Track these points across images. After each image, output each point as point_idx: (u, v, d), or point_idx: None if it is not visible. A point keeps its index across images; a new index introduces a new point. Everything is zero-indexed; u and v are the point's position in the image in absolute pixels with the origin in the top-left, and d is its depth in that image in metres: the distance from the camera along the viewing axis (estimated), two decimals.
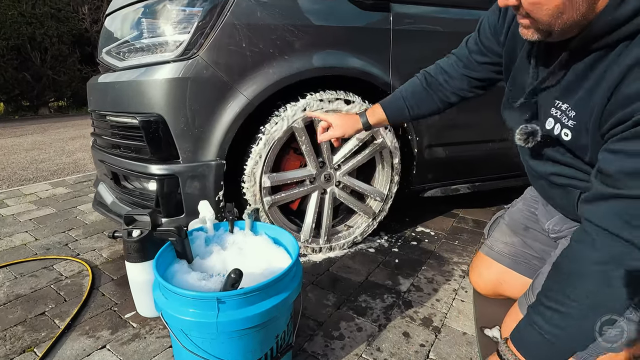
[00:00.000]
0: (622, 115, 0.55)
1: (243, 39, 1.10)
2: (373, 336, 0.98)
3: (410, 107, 1.02)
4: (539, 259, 0.96)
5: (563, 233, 0.88)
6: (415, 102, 1.02)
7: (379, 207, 1.46)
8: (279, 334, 0.71)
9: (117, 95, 1.20)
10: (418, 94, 1.02)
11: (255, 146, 1.19)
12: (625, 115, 0.55)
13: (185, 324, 0.62)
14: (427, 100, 1.01)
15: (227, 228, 0.88)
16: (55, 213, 1.87)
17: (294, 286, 0.70)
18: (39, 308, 1.10)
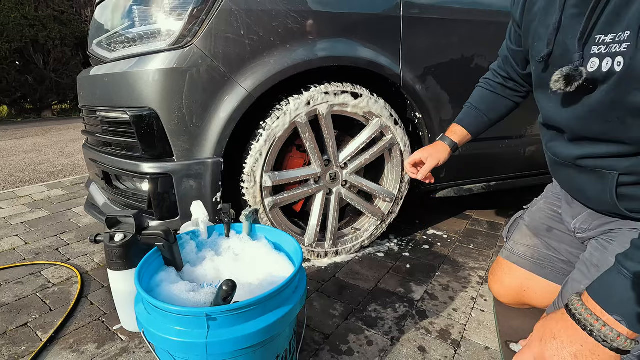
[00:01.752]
0: None
1: (241, 26, 1.01)
2: (385, 351, 0.88)
3: (485, 114, 1.01)
4: (565, 262, 0.86)
5: (592, 233, 0.78)
6: (487, 108, 1.01)
7: (389, 208, 1.37)
8: (279, 354, 0.62)
9: (107, 89, 1.12)
10: (487, 100, 1.01)
11: (255, 143, 1.10)
12: None
13: (170, 344, 0.53)
14: (499, 102, 1.01)
15: (222, 232, 0.79)
16: (49, 216, 1.79)
17: (297, 299, 0.60)
18: (21, 319, 1.01)
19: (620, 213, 0.70)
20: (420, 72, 1.24)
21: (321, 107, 1.14)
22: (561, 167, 0.79)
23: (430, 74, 1.26)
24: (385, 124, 1.24)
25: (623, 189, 0.67)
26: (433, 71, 1.26)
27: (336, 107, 1.16)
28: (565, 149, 0.74)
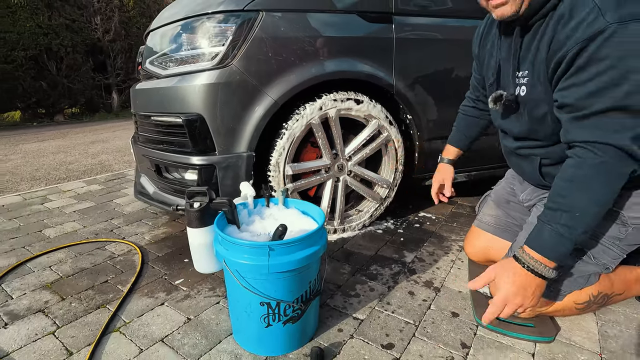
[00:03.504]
0: (559, 57, 0.77)
1: (269, 49, 1.31)
2: (383, 294, 1.17)
3: (466, 133, 1.32)
4: (519, 226, 1.16)
5: (533, 201, 1.09)
6: (467, 128, 1.32)
7: (386, 193, 1.66)
8: (311, 280, 0.91)
9: (162, 99, 1.41)
10: (467, 122, 1.32)
11: (279, 140, 1.40)
12: (561, 55, 0.76)
13: (242, 267, 0.82)
14: (474, 123, 1.31)
15: (263, 203, 1.08)
16: (95, 206, 2.09)
17: (322, 242, 0.90)
18: (102, 278, 1.31)
19: (546, 185, 1.01)
20: (410, 81, 1.54)
21: (331, 111, 1.44)
22: (509, 155, 1.09)
23: (418, 83, 1.55)
24: (382, 124, 1.53)
25: (544, 168, 0.97)
26: (420, 81, 1.56)
27: (343, 111, 1.46)
28: (509, 142, 1.05)
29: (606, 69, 0.71)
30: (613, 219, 0.92)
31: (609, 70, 0.71)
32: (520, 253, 0.84)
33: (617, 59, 0.69)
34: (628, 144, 0.72)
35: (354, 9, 1.41)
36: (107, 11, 8.12)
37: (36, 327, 1.05)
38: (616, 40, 0.69)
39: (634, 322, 1.02)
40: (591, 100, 0.74)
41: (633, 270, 1.03)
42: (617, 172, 0.75)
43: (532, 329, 0.96)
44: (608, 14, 0.69)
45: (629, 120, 0.72)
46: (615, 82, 0.71)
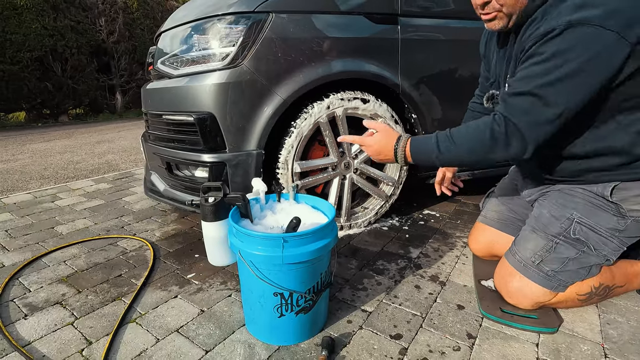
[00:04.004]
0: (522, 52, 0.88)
1: (279, 50, 1.35)
2: (390, 288, 1.21)
3: None
4: (522, 221, 1.19)
5: (535, 196, 1.12)
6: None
7: (391, 190, 1.70)
8: (322, 272, 0.94)
9: (174, 98, 1.45)
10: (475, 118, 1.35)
11: (288, 138, 1.43)
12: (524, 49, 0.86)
13: (257, 258, 0.86)
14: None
15: (275, 199, 1.11)
16: (105, 203, 2.13)
17: (333, 235, 0.93)
18: (115, 272, 1.34)
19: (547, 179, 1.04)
20: (415, 81, 1.57)
21: (338, 110, 1.47)
22: None
23: (423, 82, 1.59)
24: (388, 123, 1.56)
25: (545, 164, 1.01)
26: (425, 81, 1.59)
27: (349, 110, 1.49)
28: None
29: (541, 60, 0.81)
30: (612, 211, 0.95)
31: (541, 62, 0.81)
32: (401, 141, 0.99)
33: (551, 54, 0.79)
34: (522, 124, 0.83)
35: (361, 10, 1.45)
36: (112, 13, 8.19)
37: (55, 318, 1.08)
38: (557, 40, 0.78)
39: (635, 314, 1.04)
40: (519, 82, 0.85)
41: (634, 264, 1.06)
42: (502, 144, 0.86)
43: (535, 320, 0.99)
44: (564, 16, 0.77)
45: (535, 105, 0.81)
46: (541, 73, 0.80)
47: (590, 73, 0.78)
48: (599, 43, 0.75)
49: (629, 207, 0.93)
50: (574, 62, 0.77)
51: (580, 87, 0.79)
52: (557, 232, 0.98)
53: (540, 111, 0.82)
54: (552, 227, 1.00)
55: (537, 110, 0.82)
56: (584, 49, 0.76)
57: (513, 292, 1.03)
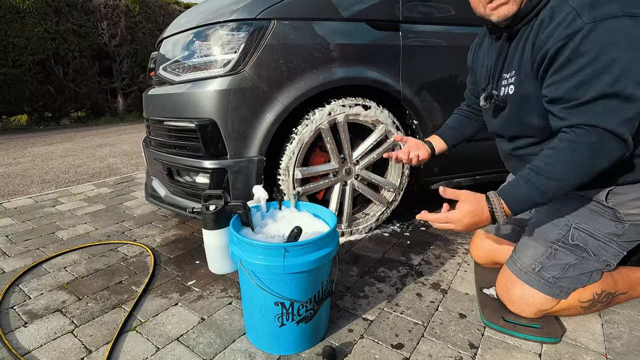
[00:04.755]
0: (541, 55, 0.84)
1: (280, 56, 1.35)
2: (392, 296, 1.20)
3: (457, 130, 1.33)
4: (520, 227, 1.18)
5: None
6: (460, 126, 1.33)
7: (392, 197, 1.69)
8: (323, 281, 0.94)
9: (176, 104, 1.45)
10: (459, 121, 1.34)
11: (289, 145, 1.43)
12: (543, 54, 0.83)
13: (258, 267, 0.85)
14: (468, 123, 1.34)
15: (276, 206, 1.11)
16: (106, 208, 2.13)
17: (334, 245, 0.92)
18: (116, 278, 1.34)
19: None
20: (416, 88, 1.57)
21: (339, 117, 1.47)
22: (507, 159, 1.13)
23: (424, 89, 1.59)
24: (389, 129, 1.56)
25: None
26: (426, 87, 1.59)
27: (351, 116, 1.49)
28: (505, 145, 1.09)
29: (588, 63, 0.77)
30: (609, 216, 0.95)
31: (591, 64, 0.77)
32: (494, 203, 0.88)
33: (596, 53, 0.76)
34: (614, 127, 0.77)
35: (363, 17, 1.45)
36: (114, 16, 8.23)
37: (55, 326, 1.08)
38: (593, 37, 0.76)
39: (638, 323, 1.04)
40: (580, 92, 0.79)
41: (636, 270, 1.05)
42: (603, 153, 0.79)
43: (538, 330, 0.98)
44: (584, 15, 0.76)
45: (616, 105, 0.77)
46: (598, 73, 0.77)
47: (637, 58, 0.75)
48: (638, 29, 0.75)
49: (626, 212, 0.93)
50: (626, 51, 0.75)
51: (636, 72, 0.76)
52: (555, 239, 0.98)
53: (626, 107, 0.77)
54: (550, 233, 0.99)
55: (622, 108, 0.77)
56: (629, 37, 0.74)
57: (515, 300, 1.02)
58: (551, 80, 0.84)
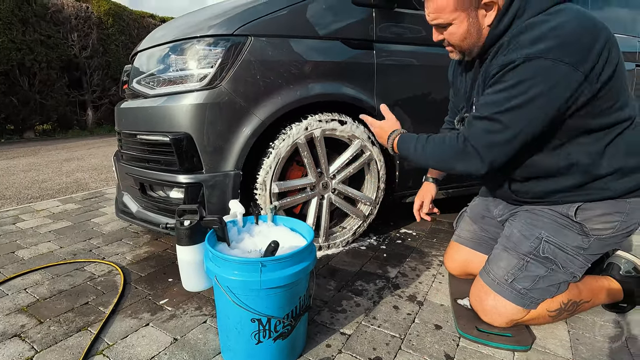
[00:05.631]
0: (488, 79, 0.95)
1: (257, 72, 1.36)
2: (369, 309, 1.20)
3: None
4: (494, 240, 1.23)
5: (505, 216, 1.16)
6: None
7: (369, 210, 1.72)
8: (301, 296, 0.93)
9: (150, 118, 1.43)
10: None
11: (266, 159, 1.43)
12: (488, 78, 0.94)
13: (234, 283, 0.84)
14: None
15: (252, 221, 1.10)
16: (72, 225, 2.03)
17: (311, 259, 0.92)
18: (82, 299, 1.27)
19: (517, 200, 1.09)
20: (390, 103, 1.60)
21: (316, 132, 1.49)
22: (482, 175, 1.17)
23: (397, 105, 1.64)
24: (365, 144, 1.60)
25: (513, 185, 1.06)
26: (400, 103, 1.65)
27: (327, 131, 1.52)
28: None
29: (502, 89, 0.88)
30: (577, 230, 1.00)
31: (502, 91, 0.88)
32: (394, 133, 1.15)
33: (511, 84, 0.86)
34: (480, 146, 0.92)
35: (338, 35, 1.50)
36: (85, 28, 8.02)
37: (12, 352, 1.01)
38: (518, 70, 0.84)
39: (602, 329, 1.09)
40: (482, 108, 0.93)
41: (598, 279, 1.11)
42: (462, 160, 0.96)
43: (510, 339, 1.01)
44: (522, 49, 0.84)
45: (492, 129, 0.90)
46: (501, 100, 0.87)
47: (547, 101, 0.84)
48: (555, 74, 0.82)
49: (592, 227, 0.99)
50: (532, 91, 0.84)
51: (536, 114, 0.86)
52: (527, 251, 1.02)
53: (496, 134, 0.89)
54: (522, 246, 1.04)
55: (493, 133, 0.89)
56: (542, 80, 0.82)
57: (488, 310, 1.05)
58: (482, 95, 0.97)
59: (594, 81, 0.84)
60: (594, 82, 0.84)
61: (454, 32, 0.96)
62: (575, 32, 0.82)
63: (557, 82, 0.82)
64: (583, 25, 0.83)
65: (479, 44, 0.98)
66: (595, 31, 0.83)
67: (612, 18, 2.50)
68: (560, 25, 0.83)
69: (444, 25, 0.97)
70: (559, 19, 0.84)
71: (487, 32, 0.95)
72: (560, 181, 0.99)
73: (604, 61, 0.83)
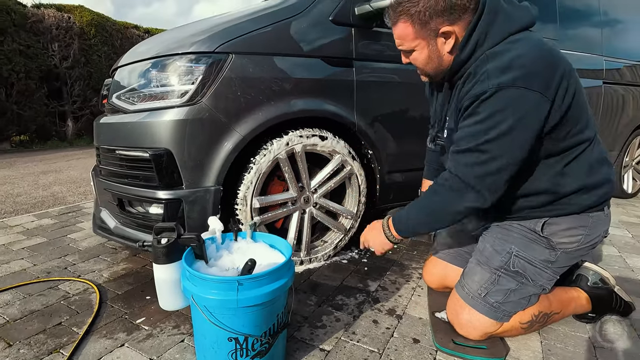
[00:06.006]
0: (460, 107, 0.97)
1: (238, 89, 1.38)
2: (349, 324, 1.21)
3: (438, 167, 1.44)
4: (469, 254, 1.26)
5: (479, 231, 1.20)
6: (436, 162, 1.44)
7: (350, 224, 1.73)
8: (278, 313, 0.93)
9: (129, 133, 1.42)
10: (435, 157, 1.44)
11: (247, 174, 1.44)
12: (461, 106, 0.97)
13: (211, 302, 0.83)
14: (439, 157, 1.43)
15: (231, 238, 1.10)
16: (47, 242, 1.97)
17: (289, 275, 0.93)
18: (54, 320, 1.23)
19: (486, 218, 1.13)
20: (370, 119, 1.66)
21: (297, 147, 1.51)
22: None
23: (377, 121, 1.68)
24: (345, 159, 1.63)
25: None
26: (379, 119, 1.69)
27: (308, 146, 1.54)
28: None
29: (480, 120, 0.90)
30: (544, 245, 1.04)
31: (480, 122, 0.90)
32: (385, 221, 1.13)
33: (487, 115, 0.89)
34: (470, 179, 0.92)
35: (319, 53, 1.53)
36: (67, 38, 7.90)
37: None
38: (491, 101, 0.88)
39: (572, 339, 1.13)
40: (463, 141, 0.94)
41: (567, 291, 1.15)
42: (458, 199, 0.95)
43: (485, 351, 1.03)
44: (493, 79, 0.88)
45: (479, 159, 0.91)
46: (481, 131, 0.90)
47: (525, 127, 0.88)
48: (527, 102, 0.86)
49: (558, 240, 1.03)
50: (509, 120, 0.87)
51: (518, 140, 0.89)
52: (498, 265, 1.06)
53: (484, 165, 0.90)
54: (494, 260, 1.07)
55: (481, 164, 0.91)
56: (516, 108, 0.86)
57: (463, 324, 1.07)
58: (458, 127, 0.98)
59: (558, 108, 0.89)
60: (558, 109, 0.89)
61: (417, 57, 1.02)
62: (537, 61, 0.87)
63: (531, 108, 0.86)
64: (543, 55, 0.88)
65: (441, 68, 1.02)
66: (554, 61, 0.89)
67: (580, 36, 2.64)
68: (523, 54, 0.87)
69: (407, 50, 1.02)
70: (520, 49, 0.88)
71: (448, 58, 0.99)
72: (528, 200, 1.04)
73: (564, 89, 0.89)
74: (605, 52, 2.71)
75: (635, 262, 1.75)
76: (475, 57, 0.95)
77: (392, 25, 1.01)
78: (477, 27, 0.93)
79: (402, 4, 0.95)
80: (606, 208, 1.07)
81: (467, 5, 0.92)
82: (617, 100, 2.80)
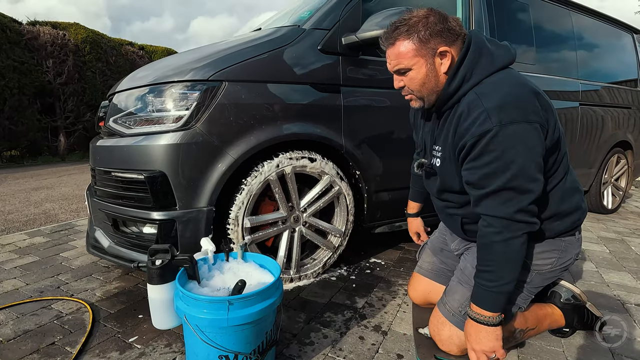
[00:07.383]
0: (461, 144, 0.99)
1: (231, 114, 1.45)
2: (336, 341, 1.25)
3: (422, 190, 1.51)
4: (451, 272, 1.32)
5: (461, 250, 1.27)
6: (420, 185, 1.51)
7: (339, 242, 1.79)
8: (267, 331, 0.98)
9: (125, 156, 1.47)
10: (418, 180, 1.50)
11: (239, 195, 1.50)
12: (462, 144, 0.98)
13: (202, 321, 0.88)
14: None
15: (223, 258, 1.15)
16: (40, 260, 1.99)
17: (278, 294, 0.98)
18: (48, 339, 1.26)
19: (468, 239, 1.20)
20: (357, 142, 1.74)
21: (287, 168, 1.58)
22: (439, 212, 1.28)
23: (364, 143, 1.76)
24: (334, 179, 1.70)
25: (466, 226, 1.17)
26: (366, 141, 1.77)
27: (298, 168, 1.61)
28: (436, 202, 1.25)
29: (494, 159, 0.93)
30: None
31: (496, 160, 0.93)
32: (470, 310, 1.02)
33: (501, 151, 0.92)
34: (512, 214, 0.93)
35: (308, 80, 1.62)
36: (61, 55, 7.98)
37: None
38: (500, 138, 0.92)
39: (548, 354, 1.19)
40: (486, 182, 0.96)
41: (542, 307, 1.22)
42: (510, 235, 0.95)
43: None
44: (493, 118, 0.92)
45: (513, 196, 0.94)
46: (502, 169, 0.93)
47: (537, 155, 0.94)
48: (530, 133, 0.92)
49: (533, 262, 1.10)
50: (523, 153, 0.92)
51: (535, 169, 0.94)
52: None
53: (521, 198, 0.93)
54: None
55: (512, 201, 0.94)
56: (525, 141, 0.92)
57: (444, 340, 1.13)
58: (468, 166, 0.99)
59: (550, 134, 0.97)
60: (550, 135, 0.97)
61: (414, 77, 1.02)
62: (525, 96, 0.95)
63: (535, 137, 0.93)
64: (528, 90, 0.96)
65: (436, 89, 1.04)
66: (537, 94, 0.97)
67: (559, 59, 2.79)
68: (511, 92, 0.95)
69: (404, 70, 1.03)
70: (506, 87, 0.96)
71: (444, 79, 1.03)
72: None
73: (547, 118, 0.97)
74: (581, 75, 2.86)
75: (611, 277, 1.83)
76: (464, 91, 1.01)
77: (390, 45, 1.02)
78: (464, 64, 1.00)
79: (404, 23, 1.00)
80: (577, 233, 1.14)
81: (459, 32, 1.00)
82: (594, 120, 2.94)
